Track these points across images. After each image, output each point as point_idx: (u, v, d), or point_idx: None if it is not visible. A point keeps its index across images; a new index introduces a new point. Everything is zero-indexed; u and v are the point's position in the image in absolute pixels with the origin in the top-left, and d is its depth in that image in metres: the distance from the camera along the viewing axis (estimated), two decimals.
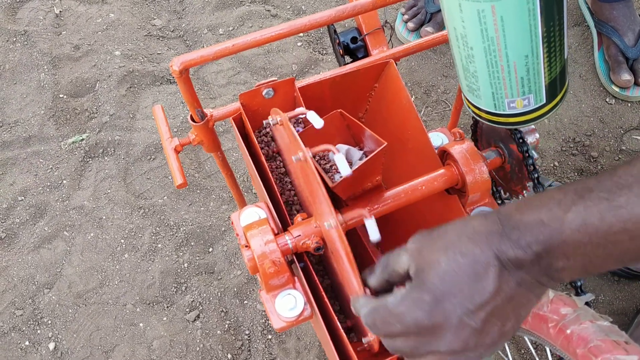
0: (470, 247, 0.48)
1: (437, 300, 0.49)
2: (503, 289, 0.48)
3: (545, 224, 0.47)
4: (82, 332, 1.37)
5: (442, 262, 0.49)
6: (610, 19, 1.57)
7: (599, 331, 0.66)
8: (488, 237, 0.48)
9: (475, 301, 0.48)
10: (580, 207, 0.46)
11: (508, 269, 0.48)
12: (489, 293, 0.48)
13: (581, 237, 0.46)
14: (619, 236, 0.45)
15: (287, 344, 1.33)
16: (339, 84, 0.86)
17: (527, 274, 0.48)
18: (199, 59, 0.73)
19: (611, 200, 0.45)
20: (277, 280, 0.71)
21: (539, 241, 0.47)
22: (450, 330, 0.49)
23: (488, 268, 0.48)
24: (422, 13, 1.70)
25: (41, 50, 1.76)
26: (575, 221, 0.46)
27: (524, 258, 0.47)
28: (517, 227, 0.48)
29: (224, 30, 1.79)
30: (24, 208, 1.52)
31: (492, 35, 0.63)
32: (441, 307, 0.49)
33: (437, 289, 0.49)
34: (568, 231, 0.46)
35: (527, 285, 0.49)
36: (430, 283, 0.49)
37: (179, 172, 0.85)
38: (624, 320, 1.32)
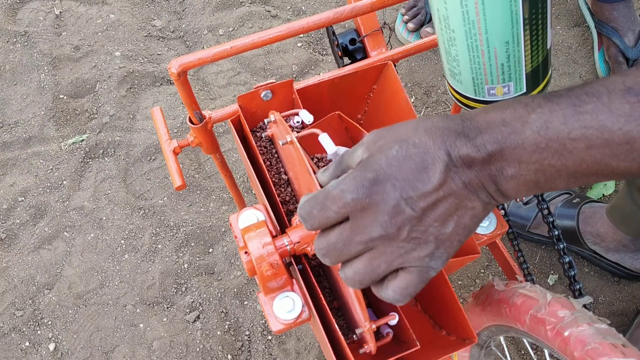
0: (424, 139, 0.47)
1: (378, 179, 0.47)
2: (447, 183, 0.47)
3: (506, 123, 0.46)
4: (82, 333, 1.37)
5: (393, 149, 0.48)
6: (610, 19, 1.57)
7: (597, 334, 0.66)
8: (444, 132, 0.47)
9: (416, 189, 0.47)
10: (545, 109, 0.45)
11: (457, 165, 0.47)
12: (432, 184, 0.46)
13: (539, 140, 0.45)
14: (577, 143, 0.44)
15: (287, 344, 1.33)
16: (337, 85, 0.86)
17: (475, 175, 0.47)
18: (197, 61, 0.73)
19: (578, 105, 0.44)
20: (275, 282, 0.71)
21: (496, 140, 0.46)
22: (386, 212, 0.47)
23: (436, 160, 0.47)
24: (422, 13, 1.69)
25: (41, 51, 1.76)
26: (537, 122, 0.45)
27: (475, 156, 0.46)
28: (478, 126, 0.47)
29: (224, 31, 1.79)
30: (24, 209, 1.53)
31: (473, 18, 0.63)
32: (381, 187, 0.47)
33: (382, 169, 0.47)
34: (528, 132, 0.45)
35: (472, 188, 0.47)
36: (376, 164, 0.48)
37: (178, 174, 0.85)
38: (624, 321, 1.32)
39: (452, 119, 0.49)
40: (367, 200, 0.47)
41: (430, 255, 0.49)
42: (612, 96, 0.44)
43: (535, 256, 1.41)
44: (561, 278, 1.38)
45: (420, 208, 0.47)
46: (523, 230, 1.39)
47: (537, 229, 1.37)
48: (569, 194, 1.37)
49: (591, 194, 1.46)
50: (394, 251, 0.48)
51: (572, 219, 1.32)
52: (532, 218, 1.37)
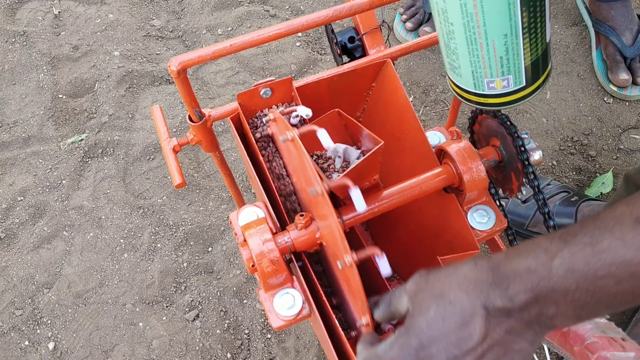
0: (459, 295, 0.49)
1: (423, 345, 0.50)
2: (490, 335, 0.49)
3: (532, 272, 0.48)
4: (82, 332, 1.37)
5: (431, 310, 0.50)
6: (608, 18, 1.58)
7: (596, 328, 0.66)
8: (477, 285, 0.49)
9: (461, 347, 0.49)
10: (565, 253, 0.47)
11: (496, 316, 0.49)
12: (475, 340, 0.49)
13: (569, 284, 0.46)
14: (605, 281, 0.46)
15: (286, 342, 1.33)
16: (336, 83, 0.86)
17: (516, 321, 0.49)
18: (196, 59, 0.73)
19: (594, 244, 0.46)
20: (275, 279, 0.71)
21: (528, 289, 0.48)
22: None
23: (474, 316, 0.49)
24: (421, 13, 1.70)
25: (40, 50, 1.76)
26: (561, 268, 0.47)
27: (512, 306, 0.48)
28: (506, 276, 0.49)
29: (222, 30, 1.79)
30: (23, 208, 1.53)
31: (471, 11, 0.63)
32: (427, 352, 0.49)
33: (424, 334, 0.50)
34: (555, 278, 0.47)
35: (517, 332, 0.49)
36: (418, 328, 0.50)
37: (178, 172, 0.85)
38: (622, 318, 1.33)
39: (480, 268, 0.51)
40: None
41: None
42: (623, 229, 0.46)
43: None
44: None
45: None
46: (522, 229, 1.39)
47: (535, 227, 1.38)
48: (567, 192, 1.38)
49: (589, 193, 1.46)
50: None
51: (570, 217, 1.32)
52: (530, 216, 1.37)
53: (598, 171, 1.50)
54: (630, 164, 1.51)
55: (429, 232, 0.88)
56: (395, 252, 0.89)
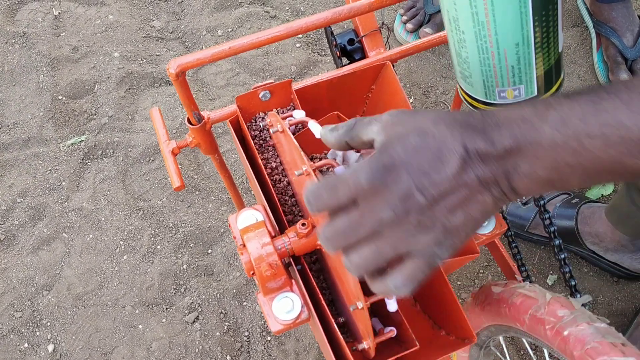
0: (444, 132, 0.48)
1: (393, 165, 0.47)
2: (461, 176, 0.47)
3: (525, 119, 0.46)
4: (81, 334, 1.37)
5: (410, 138, 0.48)
6: (609, 19, 1.57)
7: (596, 333, 0.66)
8: (463, 126, 0.48)
9: (430, 177, 0.47)
10: (564, 106, 0.46)
11: (473, 159, 0.47)
12: (446, 175, 0.47)
13: (557, 137, 0.45)
14: (595, 141, 0.44)
15: (286, 345, 1.33)
16: (336, 85, 0.86)
17: (489, 170, 0.47)
18: (195, 62, 0.73)
19: (597, 103, 0.45)
20: (274, 283, 0.71)
21: (513, 135, 0.46)
22: (398, 196, 0.47)
23: (452, 152, 0.47)
24: (421, 14, 1.70)
25: (40, 51, 1.76)
26: (555, 119, 0.45)
27: (492, 151, 0.47)
28: (497, 122, 0.48)
29: (222, 31, 1.79)
30: (23, 210, 1.53)
31: (483, 19, 0.63)
32: (395, 172, 0.47)
33: (398, 156, 0.48)
34: (546, 128, 0.45)
35: (485, 183, 0.48)
36: (393, 151, 0.48)
37: (177, 175, 0.85)
38: (623, 321, 1.32)
39: (473, 114, 0.49)
40: (379, 184, 0.48)
41: (436, 243, 0.49)
42: (632, 94, 0.44)
43: (534, 256, 1.41)
44: (561, 278, 1.38)
45: (431, 195, 0.47)
46: (522, 231, 1.39)
47: (536, 229, 1.37)
48: (567, 194, 1.37)
49: (590, 194, 1.46)
50: (401, 235, 0.48)
51: (571, 219, 1.32)
52: (531, 218, 1.37)
53: None
54: None
55: None
56: None
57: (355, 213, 0.49)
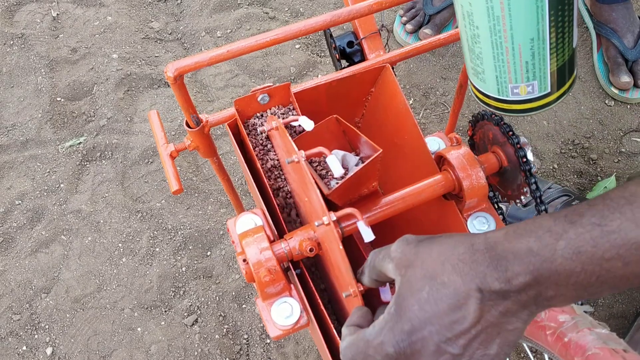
0: (453, 277, 0.48)
1: (415, 329, 0.49)
2: (485, 317, 0.48)
3: (535, 253, 0.46)
4: (80, 337, 1.37)
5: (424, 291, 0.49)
6: (609, 20, 1.57)
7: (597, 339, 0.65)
8: (472, 267, 0.48)
9: (454, 330, 0.48)
10: (571, 234, 0.45)
11: (492, 299, 0.47)
12: (469, 323, 0.48)
13: (574, 266, 0.45)
14: (613, 263, 0.44)
15: (285, 348, 1.32)
16: (335, 88, 0.85)
17: (512, 303, 0.47)
18: (193, 65, 0.72)
19: (603, 225, 0.44)
20: (272, 288, 0.70)
21: (528, 271, 0.46)
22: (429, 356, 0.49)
23: (468, 299, 0.47)
24: (421, 15, 1.69)
25: (38, 53, 1.75)
26: (567, 249, 0.45)
27: (509, 289, 0.47)
28: (505, 257, 0.47)
29: (221, 32, 1.78)
30: (21, 212, 1.52)
31: (498, 14, 0.62)
32: (419, 335, 0.49)
33: (416, 317, 0.49)
34: (560, 260, 0.45)
35: (512, 313, 0.48)
36: (410, 312, 0.49)
37: (175, 178, 0.84)
38: (624, 323, 1.32)
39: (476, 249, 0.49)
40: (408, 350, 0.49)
41: None
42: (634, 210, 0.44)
43: None
44: None
45: (461, 346, 0.48)
46: None
47: None
48: (568, 196, 1.37)
49: (591, 196, 1.45)
50: None
51: None
52: None
53: (599, 174, 1.49)
54: (631, 167, 1.50)
55: None
56: None
57: None
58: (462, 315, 0.48)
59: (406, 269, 0.51)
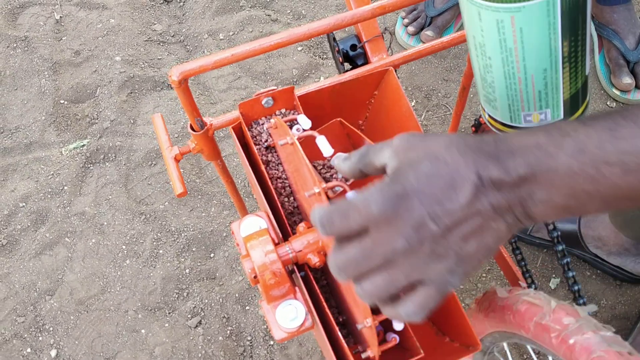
0: (456, 158, 0.47)
1: (405, 194, 0.47)
2: (474, 204, 0.47)
3: (540, 147, 0.46)
4: (84, 339, 1.37)
5: (423, 165, 0.48)
6: (610, 22, 1.57)
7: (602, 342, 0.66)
8: (477, 152, 0.47)
9: (443, 206, 0.46)
10: (580, 133, 0.45)
11: (487, 187, 0.47)
12: (459, 203, 0.46)
13: (573, 165, 0.44)
14: (613, 168, 0.44)
15: (289, 350, 1.33)
16: (338, 91, 0.86)
17: (503, 198, 0.47)
18: (198, 69, 0.73)
19: (614, 130, 0.44)
20: (277, 291, 0.71)
21: (528, 163, 0.46)
22: (411, 225, 0.47)
23: (465, 180, 0.46)
24: (422, 17, 1.69)
25: (42, 56, 1.76)
26: (571, 146, 0.45)
27: (506, 179, 0.46)
28: (511, 149, 0.47)
29: (224, 35, 1.78)
30: (25, 214, 1.52)
31: (511, 46, 0.62)
32: (408, 201, 0.47)
33: (410, 184, 0.47)
34: (562, 156, 0.45)
35: (499, 210, 0.47)
36: (405, 178, 0.47)
37: (179, 181, 0.85)
38: (627, 324, 1.32)
39: (486, 140, 0.49)
40: (391, 213, 0.47)
41: (449, 271, 0.49)
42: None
43: (536, 260, 1.41)
44: (563, 282, 1.38)
45: (444, 224, 0.47)
46: (524, 234, 1.38)
47: (538, 233, 1.37)
48: None
49: None
50: (414, 264, 0.48)
51: (574, 222, 1.32)
52: None
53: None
54: None
55: None
56: None
57: (368, 242, 0.49)
58: (455, 194, 0.46)
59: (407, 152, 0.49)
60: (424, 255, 0.48)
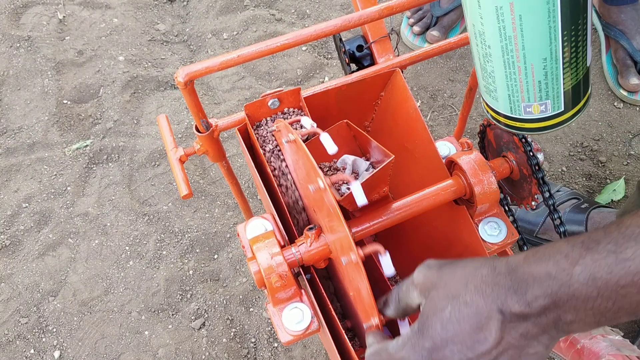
0: (475, 297, 0.49)
1: (436, 347, 0.50)
2: (505, 339, 0.49)
3: (553, 277, 0.47)
4: (87, 340, 1.36)
5: (446, 311, 0.50)
6: (618, 22, 1.56)
7: (610, 346, 0.65)
8: (494, 288, 0.49)
9: (475, 350, 0.49)
10: (587, 260, 0.47)
11: (512, 321, 0.48)
12: (490, 344, 0.48)
13: (590, 291, 0.46)
14: (628, 289, 0.45)
15: (293, 352, 1.32)
16: (345, 93, 0.85)
17: (533, 326, 0.48)
18: (204, 70, 0.72)
19: (618, 252, 0.45)
20: (283, 293, 0.70)
21: (547, 294, 0.47)
22: None
23: (490, 320, 0.48)
24: (428, 17, 1.68)
25: (45, 55, 1.75)
26: (583, 274, 0.46)
27: (529, 312, 0.48)
28: (525, 280, 0.48)
29: (228, 34, 1.78)
30: (28, 215, 1.52)
31: (510, 34, 0.61)
32: (441, 354, 0.49)
33: (438, 335, 0.50)
34: (576, 285, 0.46)
35: (532, 337, 0.49)
36: (432, 330, 0.50)
37: (184, 182, 0.84)
38: (633, 327, 1.31)
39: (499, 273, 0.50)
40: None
41: None
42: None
43: None
44: None
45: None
46: (531, 236, 1.38)
47: (545, 235, 1.36)
48: (577, 199, 1.36)
49: (600, 199, 1.45)
50: None
51: (581, 225, 1.31)
52: (540, 223, 1.36)
53: (608, 177, 1.49)
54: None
55: (439, 244, 0.87)
56: (405, 264, 0.88)
57: None
58: (484, 335, 0.48)
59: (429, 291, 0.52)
60: None
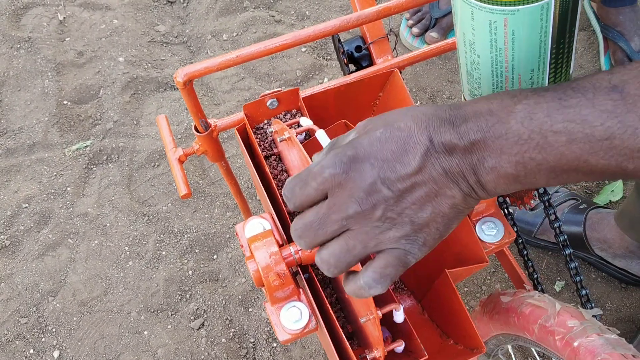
0: (409, 123, 0.48)
1: (357, 157, 0.47)
2: (427, 168, 0.47)
3: (492, 113, 0.46)
4: (87, 340, 1.37)
5: (377, 132, 0.48)
6: (616, 23, 1.57)
7: (607, 344, 0.65)
8: (430, 118, 0.48)
9: (395, 170, 0.47)
10: (531, 101, 0.46)
11: (438, 151, 0.47)
12: (411, 167, 0.47)
13: (522, 131, 0.45)
14: (559, 137, 0.44)
15: (292, 352, 1.32)
16: (343, 93, 0.85)
17: (455, 163, 0.47)
18: (203, 70, 0.73)
19: (563, 99, 0.45)
20: (282, 292, 0.70)
21: (480, 128, 0.46)
22: (362, 189, 0.47)
23: (417, 144, 0.47)
24: (427, 18, 1.69)
25: (45, 56, 1.76)
26: (521, 113, 0.45)
27: (457, 143, 0.47)
28: (464, 115, 0.47)
29: (227, 36, 1.78)
30: (28, 215, 1.52)
31: (501, 46, 0.62)
32: (359, 164, 0.47)
33: (362, 148, 0.48)
34: (512, 122, 0.45)
35: (452, 176, 0.47)
36: (358, 143, 0.48)
37: (184, 182, 0.84)
38: (631, 327, 1.31)
39: (441, 107, 0.49)
40: (344, 176, 0.48)
41: (406, 238, 0.48)
42: (597, 92, 0.44)
43: (541, 262, 1.40)
44: (568, 284, 1.37)
45: (397, 189, 0.47)
46: (529, 237, 1.38)
47: (543, 235, 1.36)
48: (575, 200, 1.37)
49: (598, 200, 1.45)
50: (369, 231, 0.48)
51: (579, 225, 1.31)
52: (538, 224, 1.36)
53: None
54: None
55: None
56: None
57: (323, 207, 0.49)
58: (407, 158, 0.47)
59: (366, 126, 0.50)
60: (377, 220, 0.48)
